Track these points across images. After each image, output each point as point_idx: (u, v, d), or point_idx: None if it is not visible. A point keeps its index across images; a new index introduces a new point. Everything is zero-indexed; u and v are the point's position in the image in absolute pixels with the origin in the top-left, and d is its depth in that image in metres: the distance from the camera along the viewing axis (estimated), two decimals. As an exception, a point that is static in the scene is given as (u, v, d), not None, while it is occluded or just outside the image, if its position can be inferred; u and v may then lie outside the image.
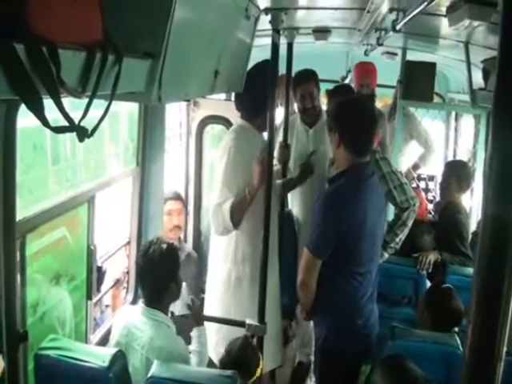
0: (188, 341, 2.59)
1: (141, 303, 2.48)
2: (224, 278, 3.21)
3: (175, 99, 1.94)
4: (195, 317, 2.70)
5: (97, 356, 1.99)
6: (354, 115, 2.70)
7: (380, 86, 4.96)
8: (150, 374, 1.95)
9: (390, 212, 3.57)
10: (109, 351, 2.04)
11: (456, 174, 3.76)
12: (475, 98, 3.63)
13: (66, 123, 1.25)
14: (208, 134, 4.08)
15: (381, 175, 3.10)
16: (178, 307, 2.79)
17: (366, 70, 4.63)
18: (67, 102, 1.25)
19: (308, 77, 3.79)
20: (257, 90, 2.93)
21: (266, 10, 2.74)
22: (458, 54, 3.74)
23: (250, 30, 2.79)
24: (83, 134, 1.30)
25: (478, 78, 3.65)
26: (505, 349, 0.93)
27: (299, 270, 2.76)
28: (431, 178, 5.66)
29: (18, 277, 2.00)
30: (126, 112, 2.98)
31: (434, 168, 5.75)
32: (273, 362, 3.32)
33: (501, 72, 0.89)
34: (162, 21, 1.69)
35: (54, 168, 2.31)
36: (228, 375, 1.94)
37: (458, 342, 2.40)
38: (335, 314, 2.74)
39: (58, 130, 1.24)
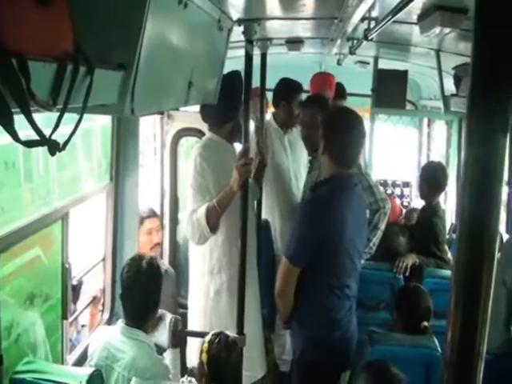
0: None
1: (120, 323, 2.41)
2: (203, 291, 3.19)
3: (148, 111, 1.90)
4: (174, 337, 2.63)
5: (73, 377, 1.93)
6: (343, 127, 2.68)
7: (352, 94, 5.00)
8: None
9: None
10: (85, 371, 1.98)
11: (426, 177, 3.78)
12: (447, 103, 3.68)
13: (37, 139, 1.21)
14: (183, 146, 4.04)
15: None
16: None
17: (325, 82, 4.48)
18: (39, 117, 1.22)
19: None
20: (219, 99, 2.93)
21: (239, 21, 2.73)
22: (430, 61, 3.79)
23: (223, 41, 2.78)
24: (54, 147, 1.26)
25: (449, 85, 3.70)
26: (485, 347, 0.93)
27: (277, 278, 2.72)
28: (406, 184, 5.72)
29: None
30: (99, 127, 2.94)
31: (409, 174, 5.83)
32: (257, 371, 3.28)
33: (474, 76, 0.90)
34: (134, 32, 1.66)
35: (26, 186, 2.25)
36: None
37: (436, 343, 2.41)
38: (312, 327, 2.72)
39: (28, 144, 1.20)
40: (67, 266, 2.52)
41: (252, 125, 3.75)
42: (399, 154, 6.37)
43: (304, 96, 4.04)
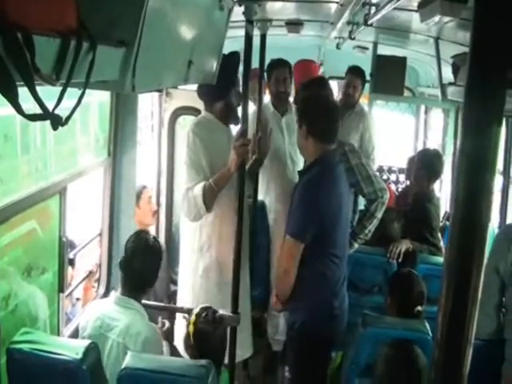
0: None
1: (114, 293, 2.47)
2: (192, 268, 3.22)
3: (149, 88, 1.93)
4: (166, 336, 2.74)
5: (70, 348, 1.96)
6: (321, 105, 2.85)
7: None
8: (123, 366, 1.93)
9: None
10: (82, 343, 2.01)
11: (425, 162, 3.76)
12: (445, 92, 3.70)
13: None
14: (180, 124, 4.04)
15: (349, 167, 3.12)
16: None
17: (307, 69, 4.38)
18: (41, 91, 1.24)
19: (283, 63, 3.91)
20: None
21: (240, 1, 2.72)
22: (429, 49, 3.80)
23: (224, 20, 2.78)
24: (57, 121, 1.29)
25: (447, 73, 3.71)
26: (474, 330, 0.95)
27: (280, 259, 2.80)
28: (402, 171, 5.74)
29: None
30: (97, 102, 2.95)
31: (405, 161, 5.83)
32: (244, 351, 3.33)
33: (472, 65, 0.91)
34: (136, 9, 1.67)
35: (24, 159, 2.27)
36: (202, 364, 1.94)
37: (428, 327, 2.45)
38: (314, 298, 2.80)
39: (32, 117, 1.23)
40: (64, 240, 2.55)
41: (251, 107, 3.78)
42: (396, 140, 6.39)
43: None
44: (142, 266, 2.45)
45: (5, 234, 2.13)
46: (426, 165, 3.74)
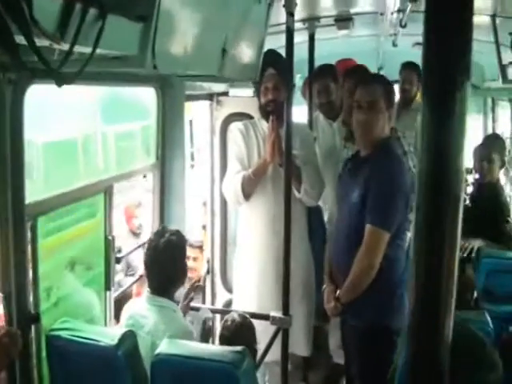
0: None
1: (146, 292, 2.46)
2: (236, 268, 3.40)
3: (173, 70, 1.91)
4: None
5: (106, 335, 1.96)
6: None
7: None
8: (157, 351, 1.89)
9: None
10: (119, 331, 2.00)
11: (497, 149, 3.54)
12: (505, 73, 3.41)
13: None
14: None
15: (403, 152, 2.95)
16: None
17: (345, 67, 4.10)
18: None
19: (325, 71, 3.74)
20: None
21: (278, -7, 2.68)
22: (487, 35, 3.56)
23: (263, 14, 2.75)
24: (60, 79, 1.29)
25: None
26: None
27: (365, 254, 2.61)
28: (469, 171, 5.42)
29: (30, 259, 2.00)
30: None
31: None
32: (296, 348, 3.26)
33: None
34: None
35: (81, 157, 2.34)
36: (238, 351, 1.85)
37: (488, 319, 2.25)
38: (384, 291, 2.63)
39: (35, 72, 1.25)
40: (110, 239, 2.57)
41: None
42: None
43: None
44: (160, 270, 2.40)
45: (46, 225, 2.16)
46: (496, 151, 3.52)
